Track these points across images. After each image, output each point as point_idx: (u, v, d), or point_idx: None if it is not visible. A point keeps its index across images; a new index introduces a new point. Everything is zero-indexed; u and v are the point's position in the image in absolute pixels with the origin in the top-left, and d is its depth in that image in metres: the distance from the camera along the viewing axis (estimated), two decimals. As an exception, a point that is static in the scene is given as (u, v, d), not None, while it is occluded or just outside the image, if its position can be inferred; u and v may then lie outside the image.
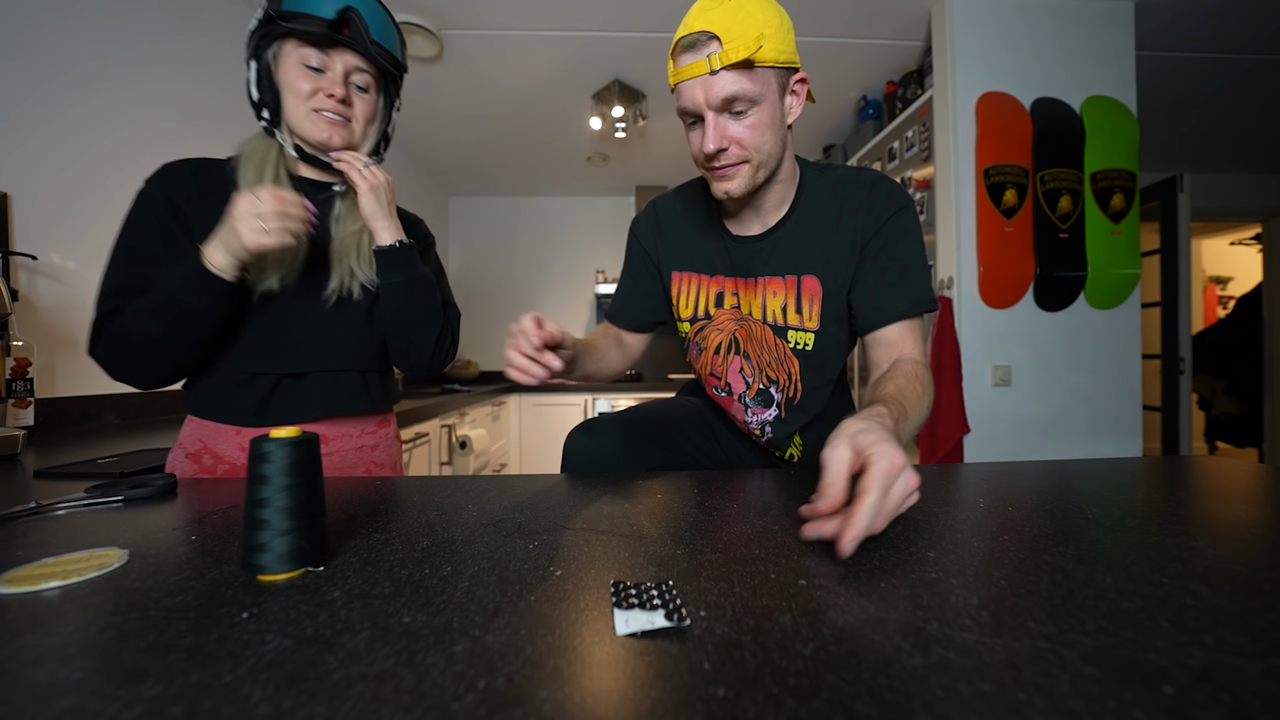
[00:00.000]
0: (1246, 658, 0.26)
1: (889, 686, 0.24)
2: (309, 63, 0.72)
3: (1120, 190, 1.74)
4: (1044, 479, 0.65)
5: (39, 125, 1.22)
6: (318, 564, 0.39)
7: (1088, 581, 0.35)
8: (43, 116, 1.22)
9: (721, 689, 0.24)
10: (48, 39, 1.23)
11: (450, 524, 0.49)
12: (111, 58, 1.37)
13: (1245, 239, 4.45)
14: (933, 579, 0.36)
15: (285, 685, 0.24)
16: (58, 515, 0.52)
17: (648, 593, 0.33)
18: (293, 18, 0.68)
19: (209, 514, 0.52)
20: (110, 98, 1.37)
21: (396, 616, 0.31)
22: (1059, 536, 0.44)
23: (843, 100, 2.52)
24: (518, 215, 3.80)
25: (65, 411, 1.24)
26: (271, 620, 0.30)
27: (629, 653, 0.27)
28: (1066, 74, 1.78)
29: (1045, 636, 0.28)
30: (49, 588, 0.35)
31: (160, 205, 0.72)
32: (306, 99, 0.72)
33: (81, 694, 0.24)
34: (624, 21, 1.95)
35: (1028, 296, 1.76)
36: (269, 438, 0.38)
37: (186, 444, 0.77)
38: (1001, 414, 1.75)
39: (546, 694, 0.24)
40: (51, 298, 1.24)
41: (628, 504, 0.55)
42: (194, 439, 0.77)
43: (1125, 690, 0.24)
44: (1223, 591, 0.33)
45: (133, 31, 1.43)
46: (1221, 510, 0.51)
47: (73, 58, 1.28)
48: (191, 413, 0.78)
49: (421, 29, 1.93)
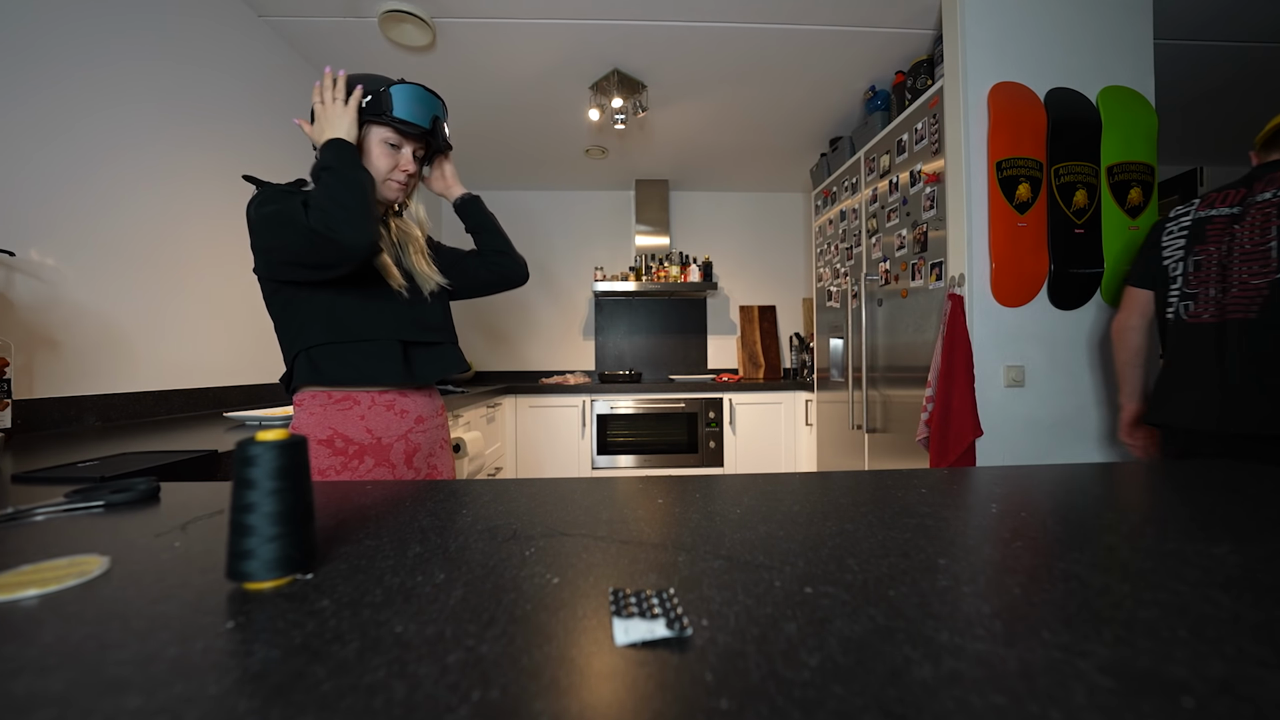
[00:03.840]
0: (1269, 669, 0.26)
1: (898, 698, 0.24)
2: (390, 142, 0.96)
3: (1138, 184, 1.74)
4: (1059, 483, 0.65)
5: (12, 120, 1.22)
6: (306, 571, 0.39)
7: (1104, 589, 0.35)
8: (16, 111, 1.22)
9: (724, 701, 0.24)
10: (19, 33, 1.23)
11: (444, 530, 0.49)
12: (86, 51, 1.38)
13: (1267, 234, 4.45)
14: (943, 587, 0.36)
15: (272, 697, 0.24)
16: (36, 521, 0.52)
17: (648, 601, 0.33)
18: (402, 123, 0.93)
19: (193, 520, 0.52)
20: (86, 91, 1.37)
21: (388, 626, 0.31)
22: (1074, 543, 0.44)
23: (850, 91, 2.53)
24: (513, 209, 3.80)
25: (44, 413, 1.24)
26: (258, 630, 0.30)
27: (629, 663, 0.27)
28: (1082, 63, 1.78)
29: (1060, 646, 0.28)
30: (26, 596, 0.35)
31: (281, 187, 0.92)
32: (387, 172, 0.97)
33: (61, 706, 0.24)
34: (623, 9, 1.95)
35: (1042, 294, 1.75)
36: (255, 440, 0.38)
37: (316, 432, 0.91)
38: (1015, 416, 1.75)
39: (543, 706, 0.24)
40: (29, 295, 1.24)
41: (627, 509, 0.55)
42: (322, 426, 0.92)
43: (1143, 702, 0.24)
44: (1244, 600, 0.33)
45: (107, 24, 1.43)
46: (1243, 515, 0.51)
47: (46, 52, 1.28)
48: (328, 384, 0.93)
49: (414, 17, 1.93)
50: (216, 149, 1.77)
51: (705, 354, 3.91)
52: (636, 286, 3.43)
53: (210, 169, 1.74)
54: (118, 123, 1.44)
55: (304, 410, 0.94)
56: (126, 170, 1.47)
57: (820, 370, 2.96)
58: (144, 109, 1.52)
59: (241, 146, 1.88)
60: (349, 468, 0.92)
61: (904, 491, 0.61)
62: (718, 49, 2.20)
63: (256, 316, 1.95)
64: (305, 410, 0.93)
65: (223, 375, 1.79)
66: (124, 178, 1.46)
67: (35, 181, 1.26)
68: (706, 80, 2.44)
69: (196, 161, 1.69)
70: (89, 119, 1.37)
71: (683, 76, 2.40)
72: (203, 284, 1.72)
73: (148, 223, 1.53)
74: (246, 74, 1.90)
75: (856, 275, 2.45)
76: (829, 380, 2.82)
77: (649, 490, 0.62)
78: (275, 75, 2.05)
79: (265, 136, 2.00)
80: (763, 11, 1.98)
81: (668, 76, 2.40)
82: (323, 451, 0.91)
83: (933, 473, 0.70)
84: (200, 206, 1.71)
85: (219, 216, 1.78)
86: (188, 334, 1.66)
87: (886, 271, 2.19)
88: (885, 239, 2.20)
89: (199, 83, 1.70)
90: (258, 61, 1.95)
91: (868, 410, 2.36)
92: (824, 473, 0.70)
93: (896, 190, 2.11)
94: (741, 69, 2.35)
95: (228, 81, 1.82)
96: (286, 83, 2.11)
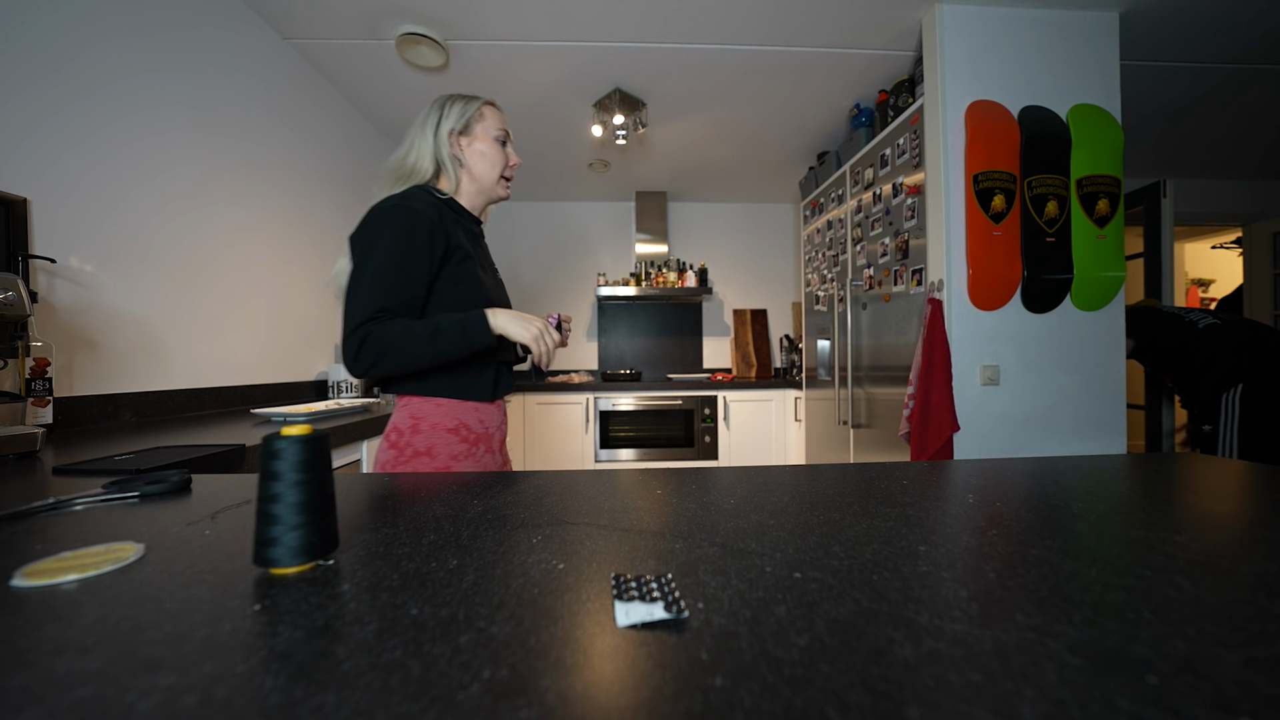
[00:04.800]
0: (1228, 648, 0.26)
1: (881, 676, 0.24)
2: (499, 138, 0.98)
3: (1105, 195, 1.74)
4: (1031, 475, 0.65)
5: (58, 132, 1.22)
6: (328, 558, 0.39)
7: (1074, 575, 0.35)
8: (61, 124, 1.22)
9: (719, 679, 0.24)
10: (67, 49, 1.23)
11: (456, 519, 0.49)
12: (127, 67, 1.37)
13: (1226, 243, 4.45)
14: (924, 572, 0.36)
15: (296, 675, 0.24)
16: (75, 510, 0.52)
17: (647, 585, 0.33)
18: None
19: (222, 509, 0.52)
20: (126, 106, 1.37)
21: (404, 608, 0.31)
22: (1046, 531, 0.44)
23: (836, 108, 2.52)
24: (521, 219, 3.80)
25: (83, 410, 1.24)
26: (283, 612, 0.31)
27: (629, 643, 0.27)
28: (1053, 83, 1.78)
29: (1033, 628, 0.28)
30: (67, 581, 0.35)
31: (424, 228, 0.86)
32: (502, 168, 0.99)
33: (99, 683, 0.24)
34: (624, 32, 1.95)
35: (1016, 298, 1.75)
36: (280, 435, 0.38)
37: (445, 422, 0.92)
38: (990, 412, 1.75)
39: (549, 683, 0.24)
40: (70, 300, 1.24)
41: (628, 499, 0.55)
42: (450, 417, 0.93)
43: (1110, 680, 0.24)
44: (1204, 584, 0.33)
45: (148, 42, 1.43)
46: (1203, 505, 0.51)
47: (90, 67, 1.28)
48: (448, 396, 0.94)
49: (429, 39, 1.93)
50: (245, 165, 1.77)
51: (701, 354, 3.90)
52: (636, 291, 3.43)
53: (239, 183, 1.74)
54: (156, 142, 1.44)
55: (429, 403, 0.93)
56: (163, 185, 1.47)
57: (809, 369, 2.95)
58: (181, 128, 1.52)
59: (267, 162, 1.88)
60: (472, 454, 0.95)
61: (887, 483, 0.61)
62: (713, 69, 2.20)
63: (281, 320, 1.95)
64: (431, 403, 0.93)
65: (250, 374, 1.79)
66: (160, 192, 1.46)
67: (78, 195, 1.25)
68: (702, 98, 2.44)
69: (227, 177, 1.69)
70: (130, 139, 1.37)
71: (680, 95, 2.40)
72: (231, 290, 1.72)
73: (181, 233, 1.53)
74: (272, 93, 1.90)
75: (842, 281, 2.45)
76: (817, 379, 2.82)
77: (648, 482, 0.62)
78: (299, 94, 2.05)
79: (289, 152, 1.99)
80: (755, 34, 1.98)
81: (666, 95, 2.40)
82: (452, 439, 0.93)
83: (914, 465, 0.70)
84: (229, 219, 1.70)
85: (246, 228, 1.78)
86: (217, 336, 1.66)
87: (870, 277, 2.19)
88: (869, 247, 2.20)
89: (229, 102, 1.70)
90: (282, 81, 1.95)
91: (853, 407, 2.36)
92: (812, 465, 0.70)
93: (880, 201, 2.11)
94: (735, 88, 2.35)
95: (255, 100, 1.82)
96: (309, 101, 2.11)
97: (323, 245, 2.19)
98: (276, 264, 1.93)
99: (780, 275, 3.99)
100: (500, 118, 0.99)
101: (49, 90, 1.20)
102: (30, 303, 0.98)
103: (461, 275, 0.91)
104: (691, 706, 0.22)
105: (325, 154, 2.22)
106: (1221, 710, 0.22)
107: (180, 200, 1.52)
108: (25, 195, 1.14)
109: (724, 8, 1.83)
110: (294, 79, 2.02)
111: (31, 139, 1.17)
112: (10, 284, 0.94)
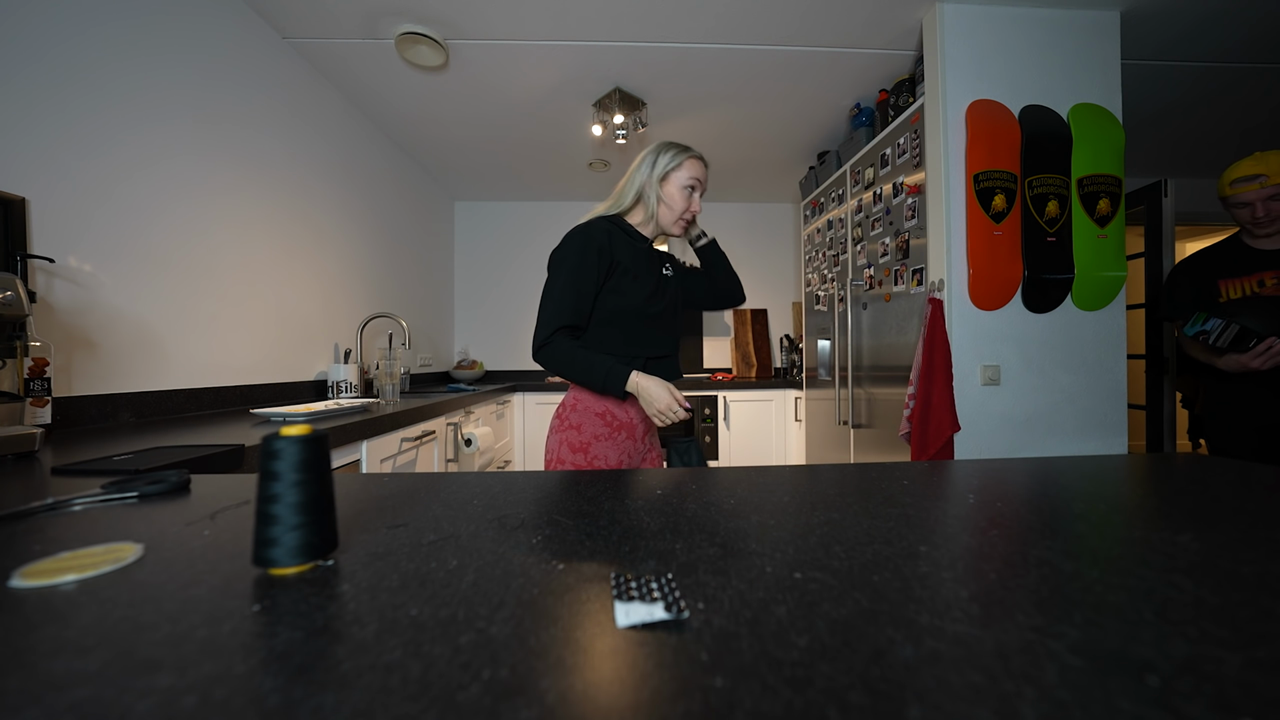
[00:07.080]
0: (1229, 649, 0.26)
1: (881, 677, 0.24)
2: (690, 186, 1.15)
3: (1106, 195, 1.73)
4: (1032, 475, 0.65)
5: (56, 132, 1.22)
6: (327, 558, 0.39)
7: (1074, 575, 0.35)
8: (60, 124, 1.22)
9: (719, 679, 0.24)
10: (66, 48, 1.23)
11: (456, 519, 0.49)
12: (127, 65, 1.37)
13: (1227, 242, 4.44)
14: (924, 572, 0.36)
15: (295, 676, 0.24)
16: (74, 511, 0.52)
17: (647, 585, 0.33)
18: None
19: (222, 509, 0.52)
20: (125, 105, 1.37)
21: (404, 609, 0.31)
22: (1046, 531, 0.44)
23: (837, 108, 2.52)
24: (522, 219, 3.80)
25: (82, 410, 1.24)
26: (282, 613, 0.30)
27: (629, 644, 0.27)
28: (1054, 82, 1.78)
29: (1033, 628, 0.28)
30: (65, 581, 0.35)
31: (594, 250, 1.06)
32: (680, 211, 1.16)
33: (97, 684, 0.24)
34: (624, 31, 1.95)
35: (1016, 298, 1.75)
36: (280, 435, 0.38)
37: (594, 405, 1.10)
38: (991, 413, 1.75)
39: (549, 684, 0.24)
40: (68, 300, 1.24)
41: (628, 499, 0.55)
42: (599, 401, 1.11)
43: (1111, 681, 0.24)
44: (1205, 584, 0.33)
45: (148, 40, 1.43)
46: (1205, 505, 0.51)
47: (89, 66, 1.28)
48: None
49: (428, 39, 1.93)
50: (243, 163, 1.77)
51: (701, 354, 3.90)
52: (637, 291, 3.43)
53: (237, 182, 1.74)
54: (154, 139, 1.44)
55: (585, 391, 1.11)
56: (161, 183, 1.47)
57: (809, 369, 2.95)
58: (179, 125, 1.52)
59: (267, 161, 1.88)
60: (612, 438, 1.10)
61: (887, 483, 0.61)
62: (713, 69, 2.20)
63: (280, 319, 1.95)
64: (586, 391, 1.11)
65: (249, 374, 1.79)
66: (158, 190, 1.46)
67: (74, 193, 1.25)
68: (702, 98, 2.44)
69: (225, 174, 1.69)
70: (127, 136, 1.37)
71: (680, 94, 2.40)
72: (231, 289, 1.72)
73: (180, 232, 1.53)
74: (271, 92, 1.90)
75: (843, 280, 2.45)
76: (817, 379, 2.82)
77: (648, 482, 0.62)
78: (297, 93, 2.04)
79: (289, 152, 1.99)
80: (755, 34, 1.98)
81: (666, 94, 2.39)
82: (598, 422, 1.10)
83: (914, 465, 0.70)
84: (228, 217, 1.70)
85: (246, 226, 1.78)
86: (216, 336, 1.66)
87: (871, 277, 2.19)
88: (870, 246, 2.20)
89: (228, 100, 1.70)
90: (281, 80, 1.95)
91: (853, 407, 2.36)
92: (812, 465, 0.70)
93: (880, 201, 2.11)
94: (735, 88, 2.35)
95: (254, 99, 1.82)
96: (308, 100, 2.11)
97: (322, 245, 2.19)
98: (276, 263, 1.93)
99: (780, 275, 3.99)
100: (696, 168, 1.15)
101: (47, 87, 1.20)
102: (29, 302, 0.97)
103: (621, 287, 1.09)
104: (691, 707, 0.22)
105: (325, 154, 2.22)
106: (1223, 711, 0.22)
107: (179, 199, 1.52)
108: (23, 194, 1.14)
109: (724, 8, 1.83)
110: (293, 79, 2.01)
111: (30, 137, 1.17)
112: (9, 284, 0.94)
